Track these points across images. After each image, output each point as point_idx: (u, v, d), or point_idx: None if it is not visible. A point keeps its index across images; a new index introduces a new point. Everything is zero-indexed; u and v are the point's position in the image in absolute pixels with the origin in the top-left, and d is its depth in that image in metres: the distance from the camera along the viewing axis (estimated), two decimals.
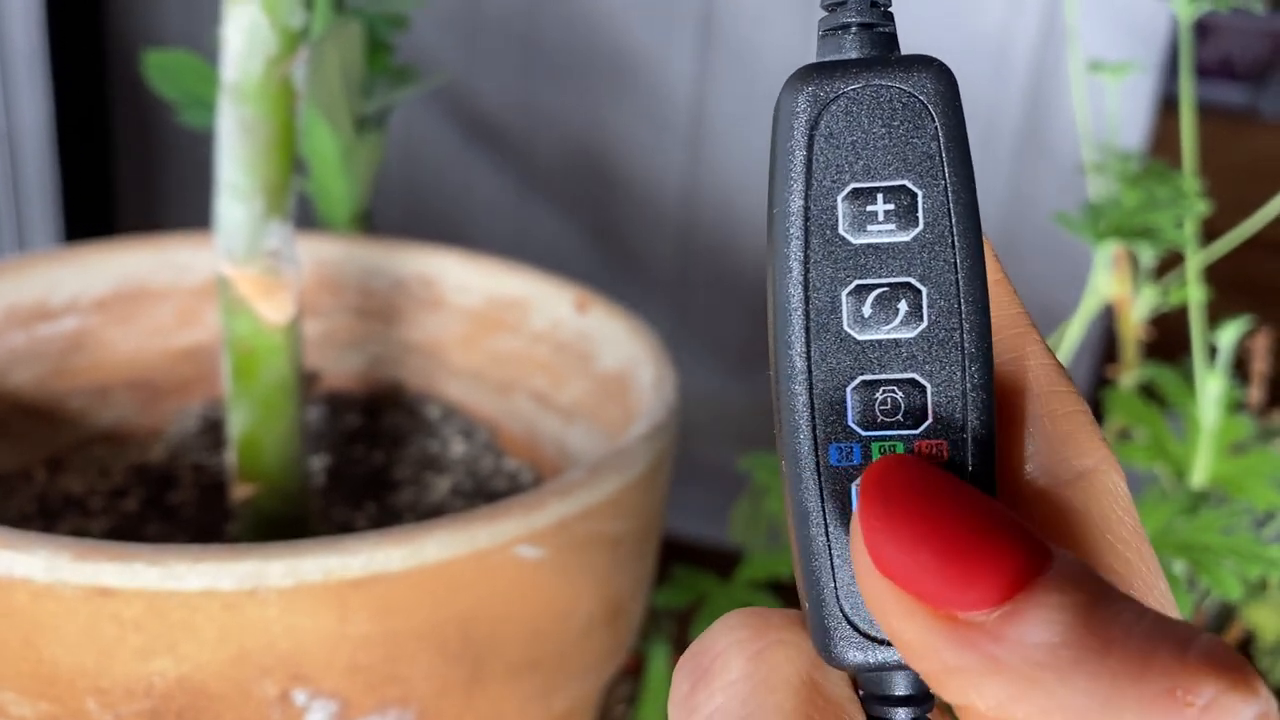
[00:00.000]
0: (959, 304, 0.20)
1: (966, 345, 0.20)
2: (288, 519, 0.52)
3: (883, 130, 0.20)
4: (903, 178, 0.20)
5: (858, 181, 0.20)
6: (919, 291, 0.20)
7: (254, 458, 0.51)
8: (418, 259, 0.64)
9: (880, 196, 0.20)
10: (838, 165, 0.20)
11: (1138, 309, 0.64)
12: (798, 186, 0.21)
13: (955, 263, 0.20)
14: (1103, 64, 0.64)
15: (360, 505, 0.57)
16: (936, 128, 0.20)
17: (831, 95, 0.20)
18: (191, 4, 1.06)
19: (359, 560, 0.39)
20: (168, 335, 0.63)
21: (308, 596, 0.39)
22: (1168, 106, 0.98)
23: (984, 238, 0.21)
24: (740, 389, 1.06)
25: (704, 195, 1.03)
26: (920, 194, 0.20)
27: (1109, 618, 0.17)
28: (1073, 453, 0.21)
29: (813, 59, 0.21)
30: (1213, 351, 0.61)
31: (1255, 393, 0.67)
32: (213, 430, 0.62)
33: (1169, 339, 0.69)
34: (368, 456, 0.61)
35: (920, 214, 0.20)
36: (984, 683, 0.17)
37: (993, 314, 0.21)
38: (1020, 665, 0.17)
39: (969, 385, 0.20)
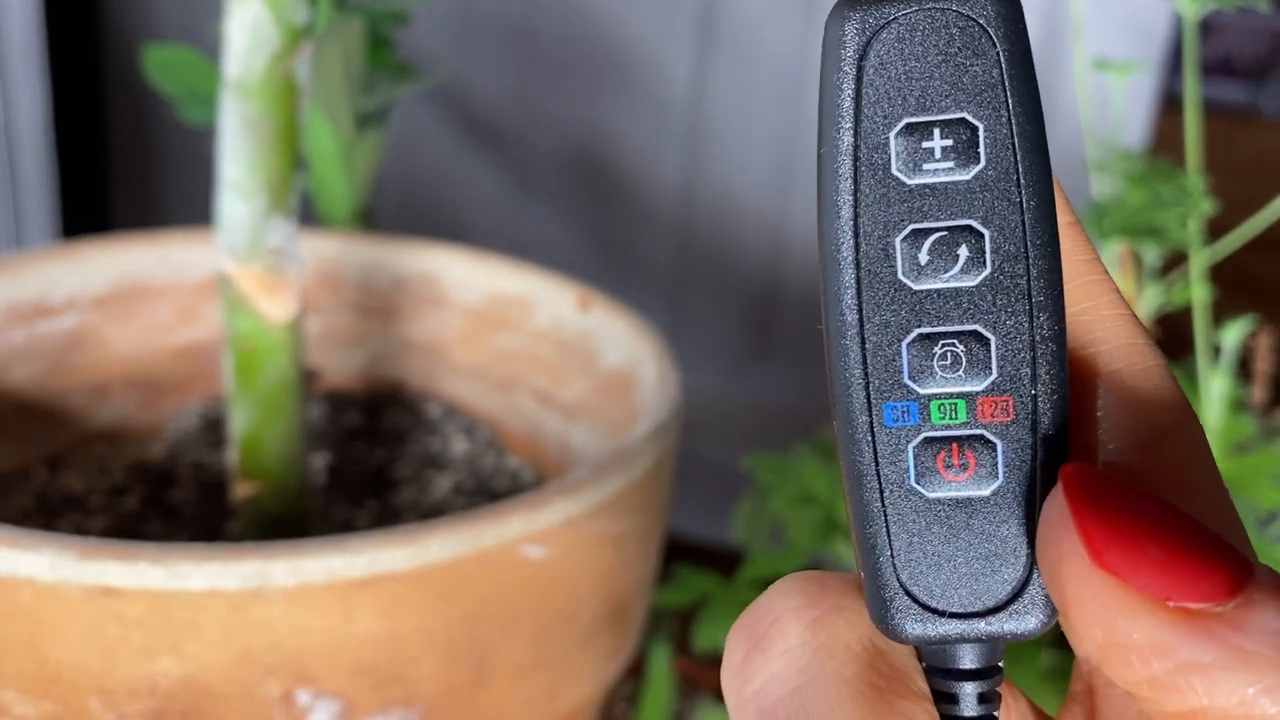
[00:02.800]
0: (1025, 248, 0.19)
1: (1034, 294, 0.19)
2: (289, 518, 0.52)
3: (939, 58, 0.19)
4: (962, 110, 0.19)
5: (912, 115, 0.19)
6: (981, 235, 0.19)
7: (255, 456, 0.50)
8: (419, 256, 0.64)
9: (937, 131, 0.19)
10: (890, 98, 0.19)
11: (1142, 308, 0.64)
12: (846, 123, 0.19)
13: (1021, 203, 0.19)
14: (1108, 62, 0.64)
15: (361, 504, 0.57)
16: (998, 54, 0.19)
17: (881, 21, 0.19)
18: (189, 0, 1.05)
19: (363, 560, 0.39)
20: (167, 333, 0.63)
21: (312, 596, 0.39)
22: (1168, 105, 0.98)
23: (1053, 176, 0.19)
24: (740, 388, 1.06)
25: (703, 194, 1.02)
26: (981, 127, 0.19)
27: None
28: (1151, 411, 0.19)
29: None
30: (1216, 351, 0.60)
31: (1258, 392, 0.67)
32: (212, 428, 0.62)
33: (1173, 338, 0.69)
34: (369, 455, 0.61)
35: (981, 150, 0.19)
36: (1231, 677, 0.16)
37: (1063, 261, 0.19)
38: (1271, 654, 0.16)
39: (1038, 337, 0.19)
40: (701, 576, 0.58)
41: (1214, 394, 0.59)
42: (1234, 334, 0.59)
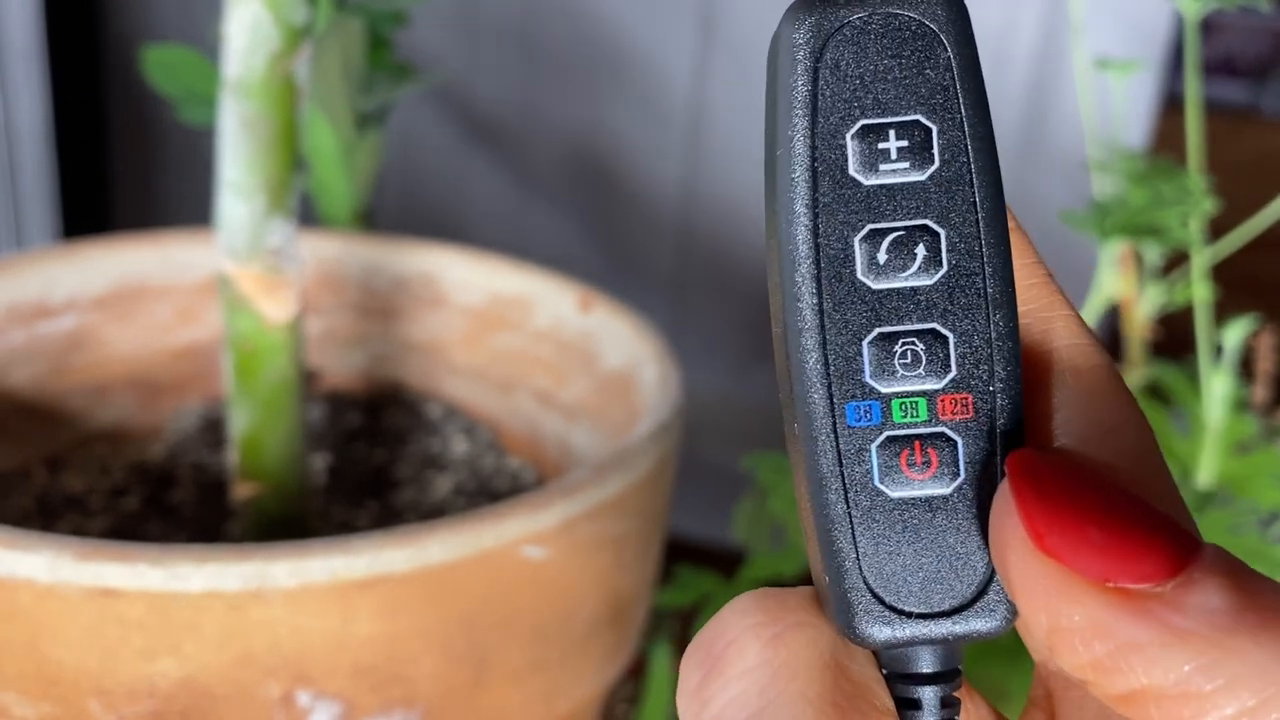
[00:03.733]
0: (980, 247, 0.19)
1: (990, 291, 0.19)
2: (289, 518, 0.52)
3: (892, 61, 0.19)
4: (915, 112, 0.19)
5: (867, 117, 0.19)
6: (937, 234, 0.19)
7: (255, 457, 0.50)
8: (419, 257, 0.63)
9: (892, 133, 0.19)
10: (845, 100, 0.19)
11: (1143, 308, 0.63)
12: (802, 125, 0.19)
13: (975, 202, 0.19)
14: (1109, 62, 0.64)
15: (361, 504, 0.57)
16: (949, 57, 0.19)
17: (836, 24, 0.19)
18: (188, 0, 1.05)
19: (363, 561, 0.39)
20: (167, 333, 0.63)
21: (312, 597, 0.38)
22: (1169, 104, 0.97)
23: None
24: (741, 388, 1.06)
25: (703, 194, 1.02)
26: (935, 129, 0.19)
27: (1265, 586, 0.17)
28: (1099, 407, 0.20)
29: None
30: (1218, 350, 0.60)
31: (1260, 391, 0.66)
32: (212, 429, 0.62)
33: (1174, 338, 0.69)
34: (369, 455, 0.61)
35: (935, 151, 0.19)
36: (1168, 656, 0.16)
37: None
38: (1208, 632, 0.16)
39: (994, 334, 0.19)
40: (703, 577, 0.58)
41: (1216, 394, 0.59)
42: (1236, 333, 0.59)
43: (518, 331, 0.62)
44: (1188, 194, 0.56)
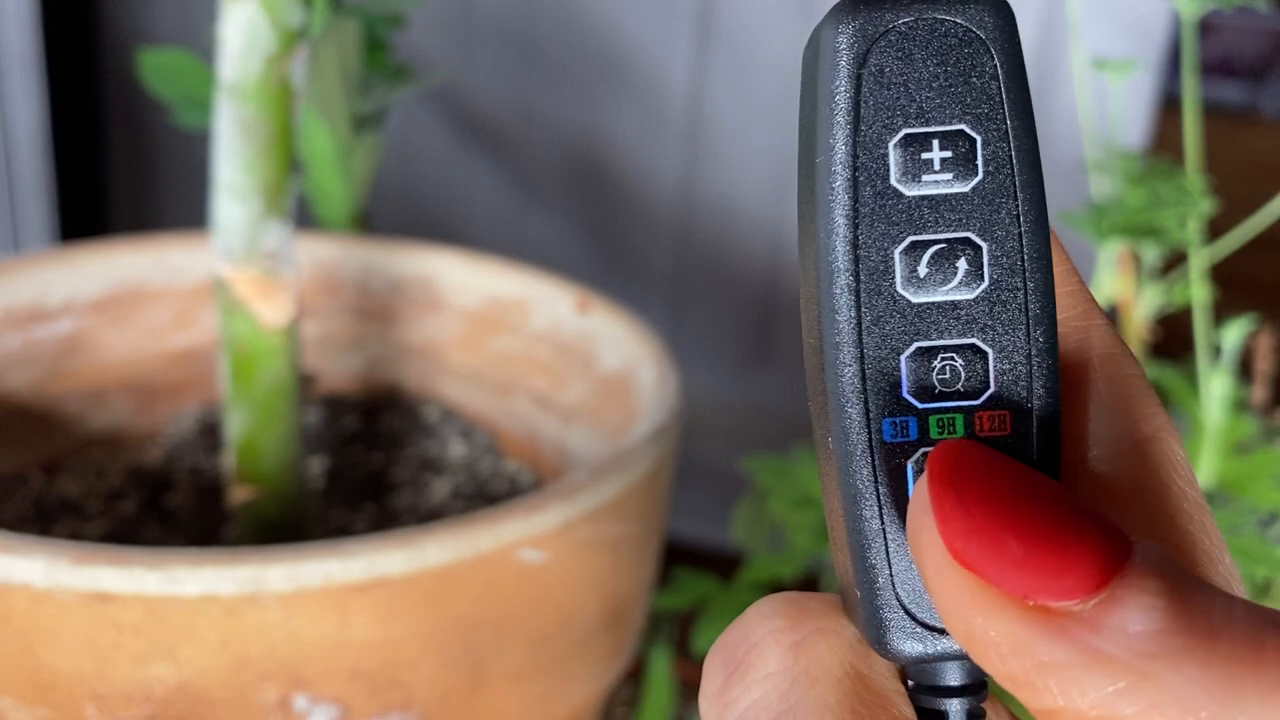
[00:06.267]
0: (1022, 261, 0.19)
1: (1031, 307, 0.19)
2: (286, 522, 0.51)
3: (937, 69, 0.18)
4: (960, 121, 0.18)
5: (911, 126, 0.18)
6: (979, 248, 0.19)
7: (252, 460, 0.50)
8: (416, 259, 0.63)
9: (936, 143, 0.18)
10: (888, 108, 0.18)
11: (1141, 308, 0.63)
12: (844, 132, 0.18)
13: (1018, 215, 0.19)
14: (1107, 62, 0.64)
15: (359, 508, 0.56)
16: (996, 66, 0.18)
17: (880, 29, 0.18)
18: (184, 3, 1.05)
19: (360, 564, 0.39)
20: (163, 337, 0.62)
21: (308, 601, 0.38)
22: (1167, 105, 0.97)
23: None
24: (739, 390, 1.06)
25: (702, 195, 1.02)
26: (979, 139, 0.18)
27: (1205, 604, 0.16)
28: (1130, 420, 0.19)
29: None
30: (1217, 351, 0.60)
31: (1259, 392, 0.66)
32: (209, 433, 0.61)
33: (1173, 338, 0.69)
34: (366, 459, 0.61)
35: (980, 162, 0.18)
36: (1085, 678, 0.16)
37: None
38: (1127, 656, 0.16)
39: (1034, 350, 0.19)
40: (701, 579, 0.58)
41: (1214, 394, 0.59)
42: (1234, 334, 0.59)
43: (515, 334, 0.62)
44: (1186, 194, 0.56)
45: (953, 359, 0.19)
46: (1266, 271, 1.10)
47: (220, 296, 0.49)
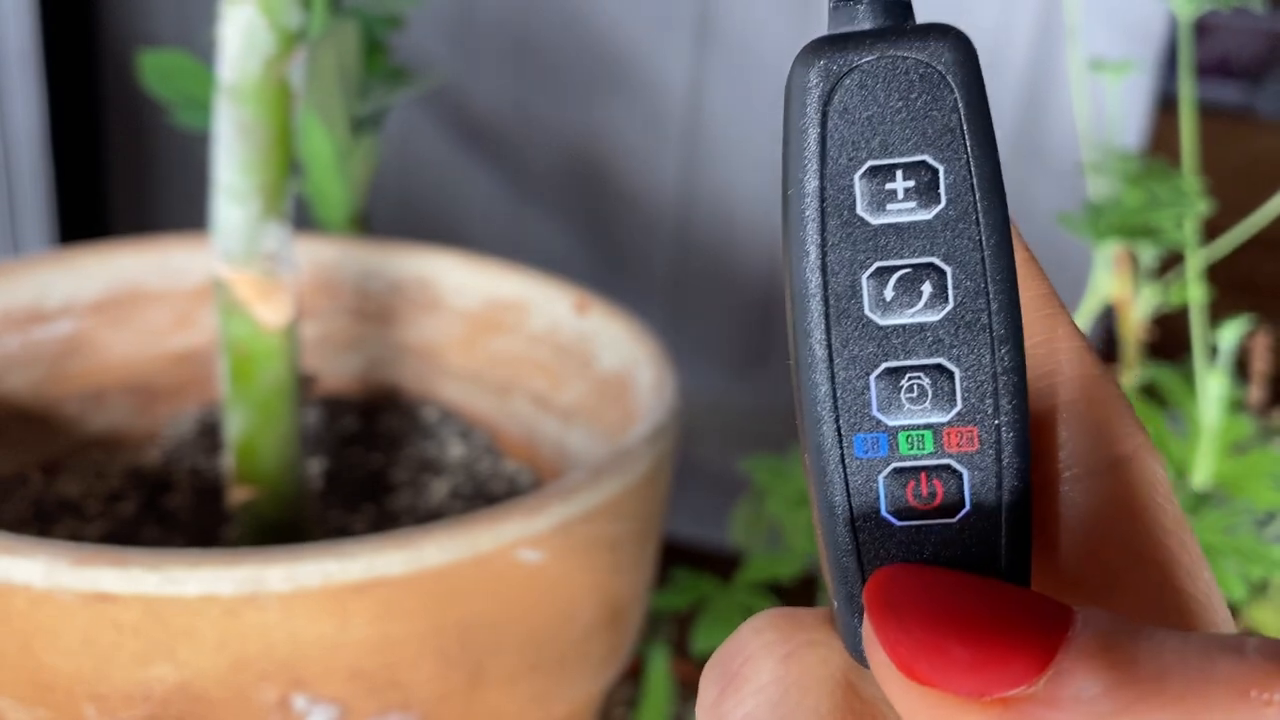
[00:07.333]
0: (985, 284, 0.19)
1: (995, 327, 0.19)
2: (285, 523, 0.52)
3: (900, 104, 0.19)
4: (922, 153, 0.19)
5: (875, 159, 0.19)
6: (943, 272, 0.19)
7: (252, 461, 0.50)
8: (415, 261, 0.63)
9: (899, 173, 0.19)
10: (853, 142, 0.19)
11: (1138, 309, 0.63)
12: (812, 166, 0.20)
13: (980, 241, 0.19)
14: (1104, 63, 0.64)
15: (358, 508, 0.57)
16: (956, 99, 0.19)
17: (845, 68, 0.19)
18: (184, 5, 1.05)
19: (358, 564, 0.39)
20: (163, 338, 0.63)
21: (307, 601, 0.38)
22: (1164, 105, 0.98)
23: (1010, 216, 0.20)
24: (738, 391, 1.06)
25: (700, 197, 1.02)
26: (941, 169, 0.19)
27: (1154, 649, 0.17)
28: (1109, 439, 0.20)
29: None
30: (1214, 351, 0.60)
31: (1256, 392, 0.66)
32: (209, 434, 0.62)
33: (1170, 339, 0.69)
34: (365, 459, 0.61)
35: (942, 190, 0.19)
36: None
37: (1020, 295, 0.20)
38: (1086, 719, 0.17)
39: (999, 369, 0.19)
40: (699, 579, 0.58)
41: (1211, 394, 0.59)
42: (1231, 334, 0.59)
43: (514, 335, 0.62)
44: (1182, 195, 0.56)
45: (920, 378, 0.20)
46: (1263, 272, 1.11)
47: (219, 298, 0.49)
